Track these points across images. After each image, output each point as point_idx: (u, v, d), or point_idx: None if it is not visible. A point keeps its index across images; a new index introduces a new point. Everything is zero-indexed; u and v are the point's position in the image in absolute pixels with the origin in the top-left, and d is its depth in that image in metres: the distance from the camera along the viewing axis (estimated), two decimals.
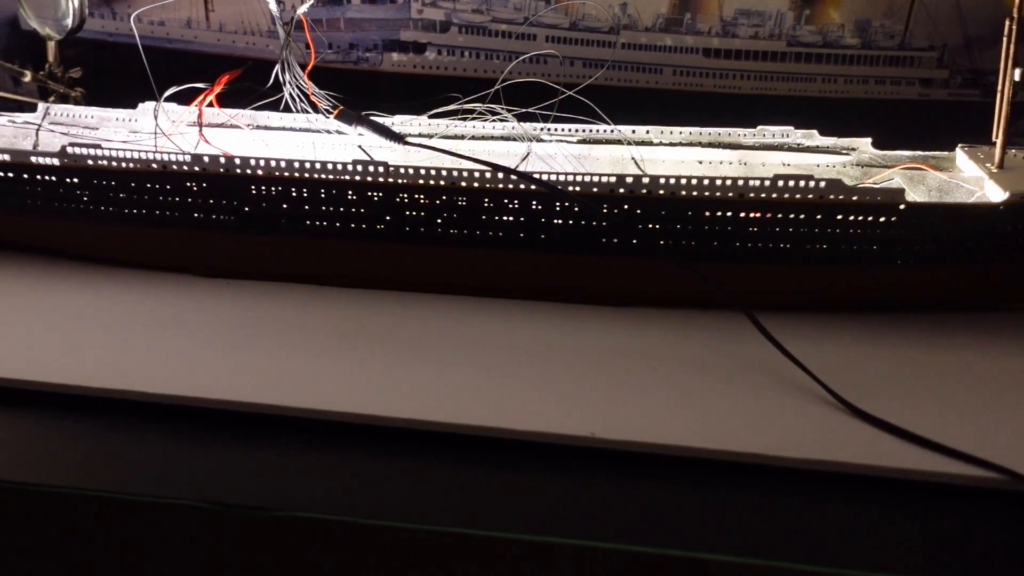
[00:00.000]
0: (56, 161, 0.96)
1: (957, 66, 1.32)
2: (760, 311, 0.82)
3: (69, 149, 0.95)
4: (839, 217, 0.86)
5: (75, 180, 0.97)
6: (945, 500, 0.67)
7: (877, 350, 0.85)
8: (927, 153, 1.00)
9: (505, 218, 0.91)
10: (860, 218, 0.86)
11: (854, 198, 0.85)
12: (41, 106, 1.14)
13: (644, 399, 0.77)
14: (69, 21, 1.15)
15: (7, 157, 0.97)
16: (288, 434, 0.75)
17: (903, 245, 0.87)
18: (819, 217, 0.86)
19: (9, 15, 1.48)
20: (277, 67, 1.00)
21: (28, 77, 1.18)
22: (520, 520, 0.66)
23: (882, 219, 0.85)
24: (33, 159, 0.97)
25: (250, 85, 1.03)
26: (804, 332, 0.86)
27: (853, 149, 1.02)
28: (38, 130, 1.11)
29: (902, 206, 0.85)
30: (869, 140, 1.02)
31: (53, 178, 0.97)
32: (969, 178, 0.95)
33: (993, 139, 0.94)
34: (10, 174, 0.98)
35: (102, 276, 1.01)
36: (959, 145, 1.00)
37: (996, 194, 0.88)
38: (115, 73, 1.21)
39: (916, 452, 0.69)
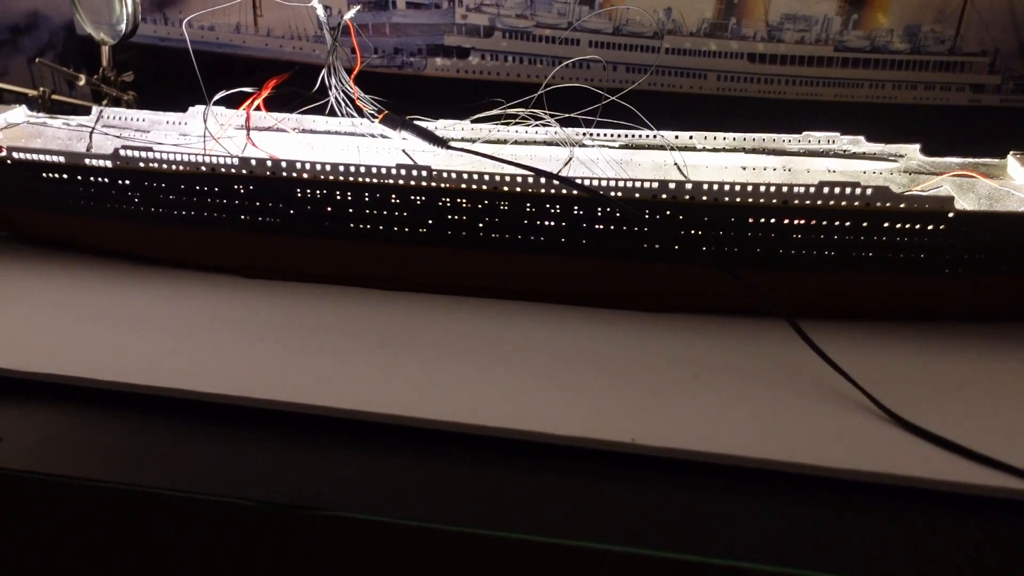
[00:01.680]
0: (109, 163, 0.98)
1: (1010, 72, 1.30)
2: (804, 319, 0.81)
3: (121, 152, 0.97)
4: (886, 225, 0.85)
5: (126, 182, 0.99)
6: (992, 513, 0.66)
7: (923, 360, 0.84)
8: (977, 160, 0.98)
9: (547, 223, 0.91)
10: (907, 226, 0.84)
11: (901, 206, 0.84)
12: (95, 109, 1.17)
13: (685, 406, 0.76)
14: (123, 26, 1.18)
15: (62, 159, 1.00)
16: (332, 434, 0.76)
17: (952, 254, 0.86)
18: (865, 225, 0.85)
19: (65, 20, 1.52)
20: (324, 72, 1.01)
21: (82, 81, 1.22)
22: (559, 525, 0.66)
23: (930, 227, 0.84)
24: (87, 161, 0.99)
25: (297, 89, 1.05)
26: (848, 341, 0.85)
27: (901, 156, 1.00)
28: (91, 132, 1.13)
29: (951, 214, 0.83)
30: (918, 147, 1.00)
31: (105, 179, 1.00)
32: (1021, 186, 0.93)
33: None
34: (64, 175, 1.01)
35: (150, 275, 1.03)
36: (1011, 152, 0.98)
37: None
38: (166, 76, 1.24)
39: (963, 464, 0.68)
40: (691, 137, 1.05)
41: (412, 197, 0.92)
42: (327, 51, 1.01)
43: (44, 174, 1.01)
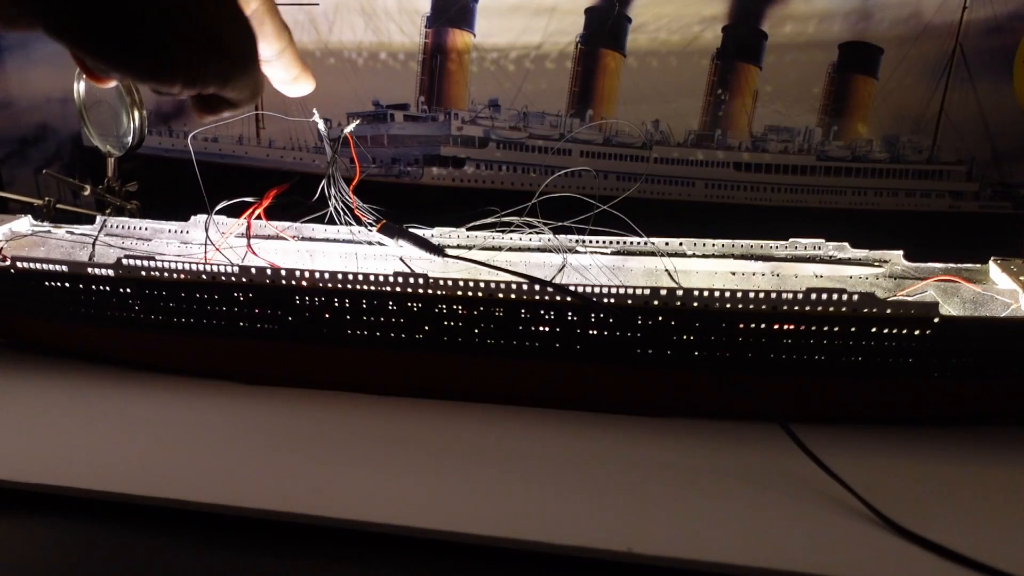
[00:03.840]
0: (111, 272, 1.00)
1: (986, 179, 1.34)
2: (796, 423, 0.82)
3: (124, 261, 0.99)
4: (873, 330, 0.86)
5: (128, 290, 1.01)
6: None
7: (915, 464, 0.84)
8: (960, 265, 1.01)
9: (541, 329, 0.92)
10: (894, 331, 0.86)
11: (888, 311, 0.86)
12: (99, 218, 1.20)
13: (682, 513, 0.76)
14: (130, 139, 1.21)
15: (65, 268, 1.01)
16: (327, 544, 0.75)
17: (938, 358, 0.87)
18: (853, 330, 0.86)
19: (72, 132, 1.57)
20: (323, 182, 1.04)
21: (88, 191, 1.24)
22: None
23: (916, 332, 0.86)
24: (89, 270, 1.01)
25: (297, 199, 1.07)
26: (841, 445, 0.85)
27: (885, 261, 1.03)
28: (95, 242, 1.15)
29: (936, 319, 0.85)
30: (901, 252, 1.03)
31: (107, 288, 1.01)
32: (1003, 291, 0.95)
33: None
34: (67, 284, 1.02)
35: (148, 382, 1.03)
36: (992, 258, 1.00)
37: None
38: (169, 186, 1.27)
39: (960, 572, 0.68)
40: (681, 243, 1.08)
41: (409, 304, 0.94)
42: (327, 162, 1.04)
43: (47, 283, 1.03)
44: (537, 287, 0.91)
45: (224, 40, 0.50)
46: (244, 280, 0.97)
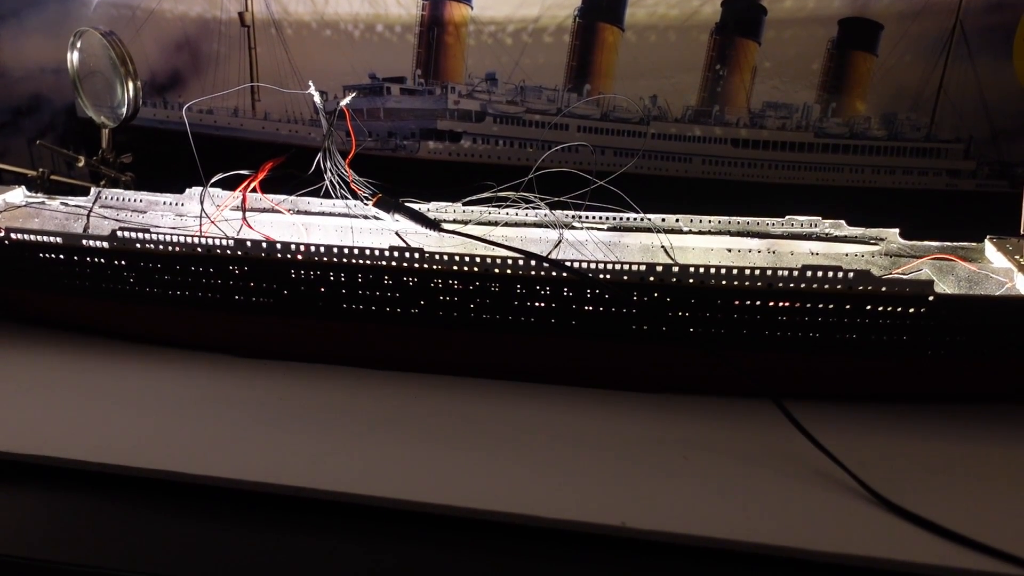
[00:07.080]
0: (105, 244, 1.00)
1: (984, 158, 1.34)
2: (790, 400, 0.82)
3: (119, 233, 0.99)
4: (868, 307, 0.86)
5: (123, 262, 1.00)
6: None
7: (908, 441, 0.85)
8: (956, 244, 1.01)
9: (537, 304, 0.92)
10: (889, 309, 0.86)
11: (883, 289, 0.86)
12: (93, 190, 1.19)
13: (675, 487, 0.77)
14: (124, 110, 1.20)
15: (59, 240, 1.01)
16: (322, 517, 0.75)
17: (933, 336, 0.87)
18: (848, 307, 0.87)
19: (66, 103, 1.56)
20: (319, 155, 1.03)
21: (82, 162, 1.24)
22: None
23: (911, 310, 0.86)
24: (84, 242, 1.00)
25: (293, 172, 1.07)
26: (834, 422, 0.86)
27: (881, 239, 1.03)
28: (89, 213, 1.15)
29: (931, 298, 0.85)
30: (897, 230, 1.03)
31: (102, 260, 1.01)
32: (999, 270, 0.95)
33: (1021, 232, 0.95)
34: (61, 256, 1.02)
35: (143, 355, 1.03)
36: (988, 237, 1.00)
37: None
38: (164, 158, 1.26)
39: (950, 548, 0.68)
40: (677, 219, 1.07)
41: (404, 279, 0.94)
42: (323, 135, 1.03)
43: (41, 255, 1.02)
44: (533, 262, 0.91)
45: None
46: (239, 253, 0.97)
